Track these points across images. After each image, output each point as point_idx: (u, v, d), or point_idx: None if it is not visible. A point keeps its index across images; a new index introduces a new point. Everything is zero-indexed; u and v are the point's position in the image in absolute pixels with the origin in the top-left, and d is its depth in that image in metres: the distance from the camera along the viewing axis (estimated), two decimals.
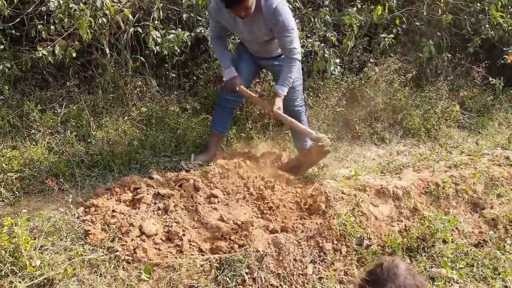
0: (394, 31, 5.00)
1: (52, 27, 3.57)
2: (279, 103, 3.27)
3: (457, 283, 2.80)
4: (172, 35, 3.88)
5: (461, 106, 5.19)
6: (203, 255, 2.72)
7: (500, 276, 2.91)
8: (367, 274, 1.63)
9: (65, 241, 2.59)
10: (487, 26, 5.22)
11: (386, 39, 4.79)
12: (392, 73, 4.81)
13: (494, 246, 3.22)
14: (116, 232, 2.71)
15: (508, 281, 2.85)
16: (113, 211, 2.86)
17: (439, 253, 3.00)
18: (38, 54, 3.44)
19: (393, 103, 4.69)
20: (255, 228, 2.93)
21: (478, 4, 5.26)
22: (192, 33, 4.11)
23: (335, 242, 2.97)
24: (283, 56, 3.33)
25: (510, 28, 5.28)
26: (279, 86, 3.28)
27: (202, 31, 4.15)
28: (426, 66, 5.30)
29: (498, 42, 5.48)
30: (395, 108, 4.71)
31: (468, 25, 5.31)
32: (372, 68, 4.75)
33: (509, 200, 3.63)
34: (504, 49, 5.42)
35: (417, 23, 5.24)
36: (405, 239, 3.08)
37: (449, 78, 5.32)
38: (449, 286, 2.76)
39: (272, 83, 4.23)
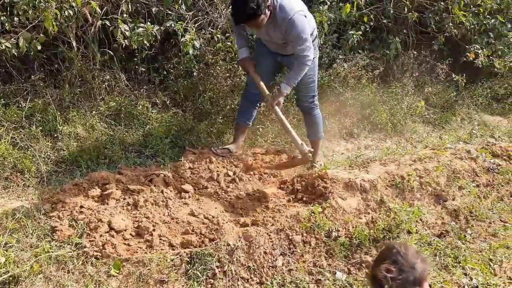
0: (362, 28, 5.10)
1: (16, 18, 3.46)
2: (280, 99, 3.38)
3: None
4: (141, 29, 3.83)
5: (426, 102, 5.34)
6: (173, 249, 2.72)
7: (461, 264, 3.03)
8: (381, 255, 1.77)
9: (31, 238, 2.54)
10: (451, 24, 5.40)
11: (354, 36, 4.89)
12: (360, 69, 4.91)
13: (456, 236, 3.35)
14: (84, 228, 2.67)
15: (467, 268, 2.98)
16: (81, 207, 2.82)
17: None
18: (1, 46, 3.33)
19: (361, 98, 4.79)
20: (226, 222, 2.96)
21: (442, 3, 5.42)
22: (161, 27, 4.06)
23: (305, 234, 3.02)
24: None
25: (472, 26, 5.48)
26: (284, 84, 3.38)
27: (172, 25, 4.12)
28: (393, 63, 5.43)
29: (461, 40, 5.67)
30: (363, 104, 4.81)
31: (433, 23, 5.47)
32: (341, 65, 4.84)
33: (469, 192, 3.77)
34: (467, 47, 5.61)
35: (384, 21, 5.36)
36: (371, 231, 3.17)
37: (414, 75, 5.46)
38: None
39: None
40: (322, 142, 4.05)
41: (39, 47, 3.49)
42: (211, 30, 4.35)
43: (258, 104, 3.88)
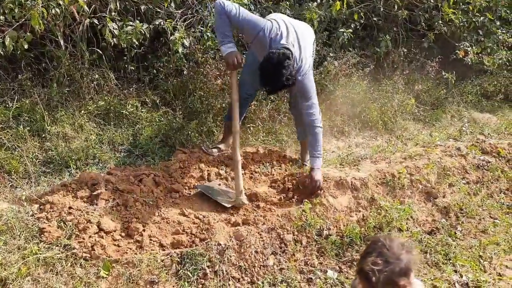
0: (352, 26, 5.10)
1: (1, 17, 3.40)
2: (318, 176, 3.24)
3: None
4: (130, 27, 3.79)
5: (416, 99, 5.37)
6: (164, 250, 2.70)
7: (451, 261, 3.05)
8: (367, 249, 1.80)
9: (19, 240, 2.51)
10: (440, 22, 5.43)
11: (345, 33, 4.90)
12: (350, 67, 4.92)
13: (446, 233, 3.37)
14: (73, 229, 2.64)
15: (457, 265, 2.99)
16: (70, 207, 2.78)
17: None
18: None
19: (352, 96, 4.79)
20: (217, 222, 2.94)
21: (432, 1, 5.45)
22: (151, 25, 4.03)
23: (296, 233, 3.02)
24: None
25: (461, 24, 5.51)
26: (313, 159, 3.29)
27: (162, 23, 4.08)
28: (383, 61, 5.45)
29: (450, 38, 5.70)
30: (353, 102, 4.81)
31: (423, 21, 5.50)
32: (332, 62, 4.83)
33: (460, 189, 3.80)
34: (456, 44, 5.65)
35: (374, 19, 5.37)
36: (362, 229, 3.18)
37: (405, 72, 5.49)
38: None
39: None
40: None
41: (26, 46, 3.43)
42: (201, 28, 4.32)
43: (248, 105, 3.86)
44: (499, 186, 4.03)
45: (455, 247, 3.20)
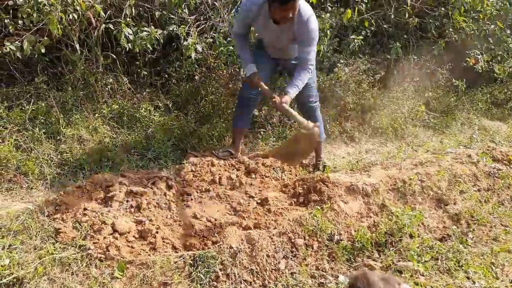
0: (363, 33, 5.13)
1: (20, 21, 3.48)
2: (287, 99, 3.33)
3: (423, 275, 2.91)
4: (144, 33, 3.85)
5: (426, 106, 5.37)
6: (176, 252, 2.73)
7: (463, 268, 3.04)
8: None
9: (35, 240, 2.54)
10: (451, 30, 5.44)
11: (355, 40, 4.92)
12: (361, 73, 4.94)
13: (457, 240, 3.36)
14: (88, 230, 2.67)
15: (470, 272, 2.98)
16: (85, 209, 2.82)
17: (406, 247, 3.10)
18: (5, 49, 3.35)
19: (362, 103, 4.81)
20: (228, 225, 2.96)
21: (443, 9, 5.47)
22: (164, 31, 4.09)
23: (307, 238, 3.03)
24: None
25: (472, 32, 5.52)
26: (290, 87, 3.36)
27: (175, 29, 4.14)
28: (394, 68, 5.47)
29: (461, 45, 5.71)
30: (364, 108, 4.83)
31: (433, 29, 5.52)
32: (342, 69, 4.86)
33: (470, 196, 3.79)
34: (467, 52, 5.65)
35: (385, 26, 5.40)
36: (373, 234, 3.17)
37: (415, 80, 5.50)
38: (416, 278, 2.86)
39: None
40: (323, 144, 4.05)
41: (43, 50, 3.51)
42: (213, 34, 4.38)
43: (254, 108, 3.90)
44: (510, 193, 4.01)
45: (466, 254, 3.18)
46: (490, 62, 5.67)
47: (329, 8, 4.89)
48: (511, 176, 4.10)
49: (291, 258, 2.90)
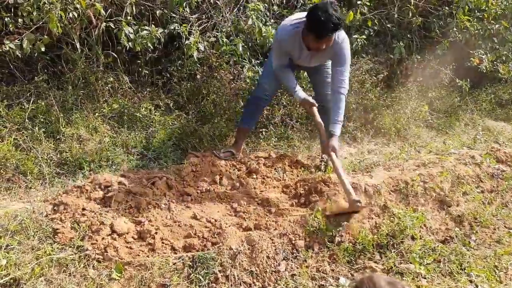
0: (366, 33, 5.09)
1: (19, 20, 3.46)
2: (334, 142, 3.34)
3: (425, 278, 2.87)
4: (145, 32, 3.83)
5: (430, 106, 5.32)
6: (175, 253, 2.70)
7: (465, 271, 3.00)
8: None
9: (33, 240, 2.52)
10: (455, 29, 5.38)
11: (358, 40, 4.88)
12: (364, 73, 4.90)
13: (460, 242, 3.32)
14: (86, 231, 2.65)
15: (472, 275, 2.94)
16: (83, 209, 2.80)
17: (407, 249, 3.07)
18: (5, 47, 3.34)
19: (365, 103, 4.77)
20: (228, 226, 2.93)
21: (447, 8, 5.42)
22: (165, 30, 4.06)
23: (308, 239, 3.00)
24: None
25: (476, 31, 5.46)
26: (333, 125, 3.35)
27: (177, 28, 4.11)
28: (397, 67, 5.42)
29: (465, 45, 5.66)
30: (366, 108, 4.79)
31: (437, 28, 5.46)
32: None
33: (474, 198, 3.74)
34: (471, 52, 5.60)
35: (388, 25, 5.35)
36: (375, 236, 3.14)
37: (418, 80, 5.45)
38: (417, 281, 2.83)
39: None
40: None
41: (43, 49, 3.49)
42: (216, 33, 4.34)
43: (264, 109, 3.88)
44: None
45: (469, 256, 3.15)
46: (495, 62, 5.61)
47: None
48: None
49: (291, 260, 2.87)
